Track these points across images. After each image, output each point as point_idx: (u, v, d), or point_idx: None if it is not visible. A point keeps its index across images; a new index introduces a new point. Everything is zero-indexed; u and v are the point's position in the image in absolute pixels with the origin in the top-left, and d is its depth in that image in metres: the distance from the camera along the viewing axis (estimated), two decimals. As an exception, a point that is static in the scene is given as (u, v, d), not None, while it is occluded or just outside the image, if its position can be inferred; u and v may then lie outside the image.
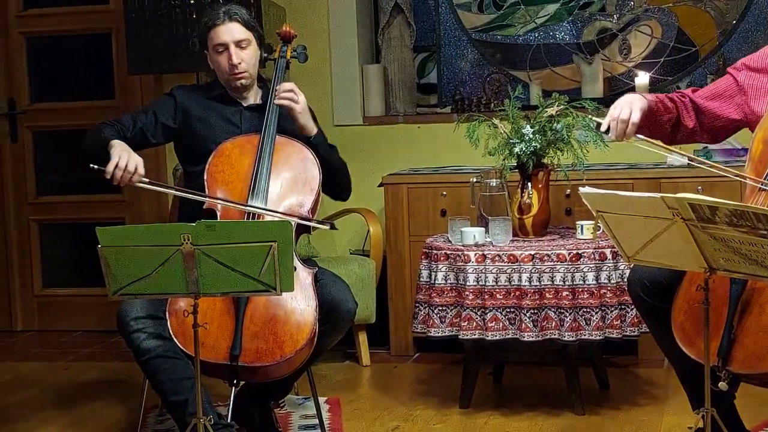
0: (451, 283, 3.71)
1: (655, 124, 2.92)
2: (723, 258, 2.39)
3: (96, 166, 3.05)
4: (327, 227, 3.15)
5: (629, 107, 2.84)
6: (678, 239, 2.41)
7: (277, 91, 3.33)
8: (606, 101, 4.67)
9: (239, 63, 3.33)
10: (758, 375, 2.56)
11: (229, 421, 3.08)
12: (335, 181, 3.42)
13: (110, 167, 3.06)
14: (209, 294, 2.68)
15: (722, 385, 2.54)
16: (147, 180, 3.13)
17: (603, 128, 2.87)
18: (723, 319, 2.56)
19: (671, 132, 2.99)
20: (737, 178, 2.70)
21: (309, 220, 3.20)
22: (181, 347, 3.00)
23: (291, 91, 3.32)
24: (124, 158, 3.07)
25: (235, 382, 3.05)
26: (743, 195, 2.80)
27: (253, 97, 3.46)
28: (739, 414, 2.92)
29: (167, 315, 3.03)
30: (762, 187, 2.61)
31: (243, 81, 3.38)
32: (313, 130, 3.38)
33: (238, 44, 3.34)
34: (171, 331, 3.01)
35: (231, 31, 3.34)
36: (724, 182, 3.91)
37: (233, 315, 3.02)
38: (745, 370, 2.55)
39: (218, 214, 3.18)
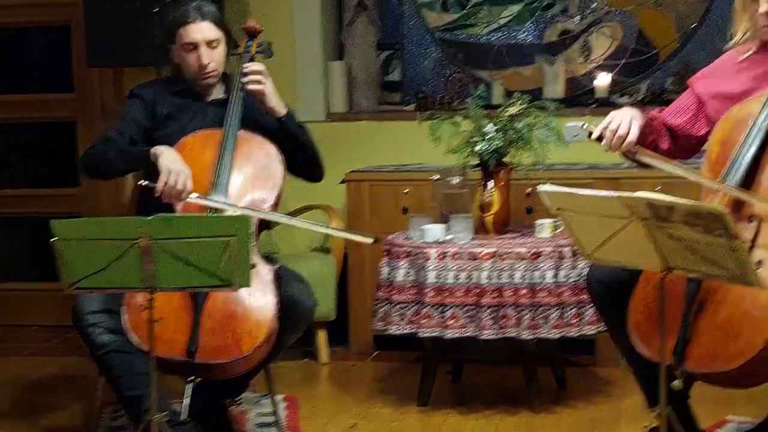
0: (411, 281, 3.71)
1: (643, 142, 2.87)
2: (679, 257, 2.41)
3: (145, 182, 3.05)
4: (370, 241, 3.18)
5: (628, 122, 2.77)
6: (635, 238, 2.42)
7: (243, 73, 3.30)
8: (567, 102, 4.74)
9: (209, 63, 3.31)
10: (713, 374, 2.57)
11: (184, 417, 3.05)
12: (307, 160, 3.40)
13: (160, 185, 3.05)
14: (165, 289, 2.65)
15: (677, 384, 2.55)
16: (196, 195, 3.10)
17: (595, 136, 2.80)
18: (679, 318, 2.58)
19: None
20: (750, 198, 2.61)
21: (352, 233, 3.26)
22: (136, 342, 2.96)
23: (261, 72, 3.31)
24: (173, 177, 3.06)
25: (191, 378, 3.02)
26: (701, 195, 2.81)
27: (218, 92, 3.43)
28: (694, 412, 2.94)
29: (123, 309, 2.99)
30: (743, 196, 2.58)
31: (211, 80, 3.37)
32: (283, 110, 3.37)
33: (209, 44, 3.31)
34: (126, 326, 2.97)
35: (202, 30, 3.30)
36: (682, 182, 3.92)
37: (191, 311, 2.99)
38: (700, 368, 2.57)
39: (176, 208, 3.15)
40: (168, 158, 3.11)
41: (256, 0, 5.00)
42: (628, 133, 2.77)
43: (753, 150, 2.65)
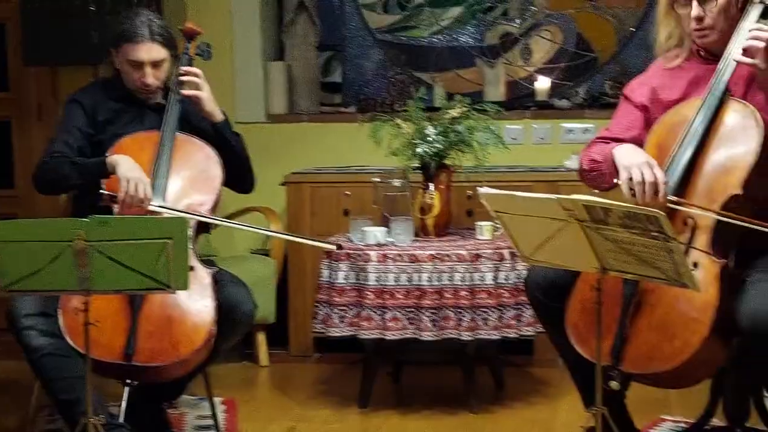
0: (351, 283, 3.70)
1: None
2: (615, 259, 2.43)
3: (106, 192, 3.02)
4: (333, 248, 3.17)
5: (648, 167, 2.61)
6: (573, 240, 2.45)
7: (180, 77, 3.29)
8: (507, 104, 4.77)
9: (153, 83, 3.29)
10: (648, 374, 2.61)
11: (121, 421, 3.01)
12: (238, 170, 3.38)
13: (121, 194, 3.02)
14: (101, 291, 2.62)
15: (613, 384, 2.58)
16: (158, 204, 3.07)
17: (627, 195, 2.62)
18: (616, 319, 2.61)
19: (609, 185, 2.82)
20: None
21: (315, 240, 3.34)
22: (72, 345, 2.92)
23: (198, 75, 3.30)
24: (132, 185, 3.04)
25: (128, 381, 2.99)
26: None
27: (157, 96, 3.40)
28: (629, 413, 2.98)
29: (59, 312, 2.95)
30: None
31: (150, 95, 3.34)
32: (219, 116, 3.36)
33: (155, 64, 3.28)
34: (63, 329, 2.93)
35: (150, 52, 3.27)
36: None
37: (128, 314, 2.96)
38: (636, 369, 2.60)
39: (114, 210, 3.11)
40: (126, 167, 3.08)
41: (195, 0, 4.96)
42: (656, 176, 2.61)
43: (688, 154, 2.68)
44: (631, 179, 2.64)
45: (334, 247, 3.18)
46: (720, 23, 2.74)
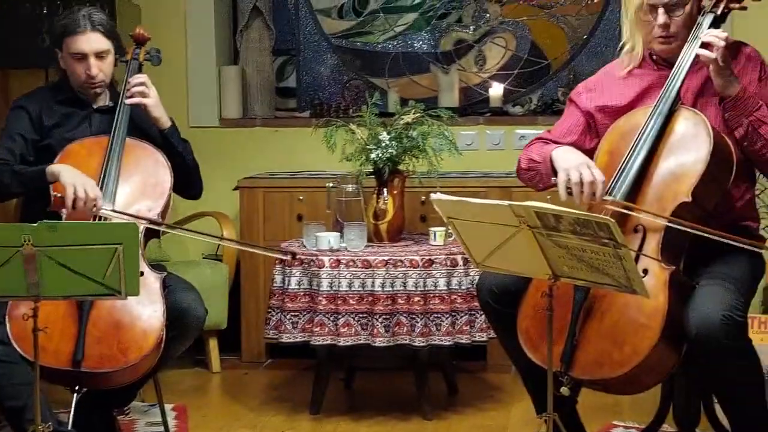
0: (304, 289, 3.69)
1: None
2: (567, 265, 2.45)
3: (59, 194, 2.97)
4: (288, 257, 3.11)
5: (587, 168, 2.67)
6: (524, 246, 2.46)
7: (128, 84, 3.26)
8: (461, 110, 4.79)
9: (98, 74, 3.25)
10: (599, 380, 2.62)
11: (69, 428, 2.98)
12: (186, 176, 3.36)
13: (69, 201, 2.98)
14: (50, 297, 2.60)
15: (564, 390, 2.60)
16: (110, 208, 3.04)
17: (563, 197, 2.68)
18: (567, 325, 2.62)
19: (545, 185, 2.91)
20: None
21: (268, 250, 3.33)
22: (21, 352, 2.88)
23: (142, 84, 3.27)
24: (80, 188, 2.99)
25: (77, 388, 2.96)
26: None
27: (104, 99, 3.38)
28: (581, 419, 2.99)
29: (7, 319, 2.91)
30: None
31: (98, 90, 3.31)
32: (167, 122, 3.34)
33: (98, 55, 3.26)
34: (10, 336, 2.89)
35: (91, 42, 3.24)
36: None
37: (76, 319, 2.94)
38: (586, 375, 2.62)
39: (63, 215, 3.07)
40: (68, 174, 3.05)
41: (149, 4, 4.92)
42: (596, 179, 2.66)
43: (639, 160, 2.71)
44: (569, 180, 2.68)
45: (288, 257, 3.16)
46: (683, 32, 2.78)
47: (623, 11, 2.89)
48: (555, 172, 2.77)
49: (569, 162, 2.73)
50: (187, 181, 3.38)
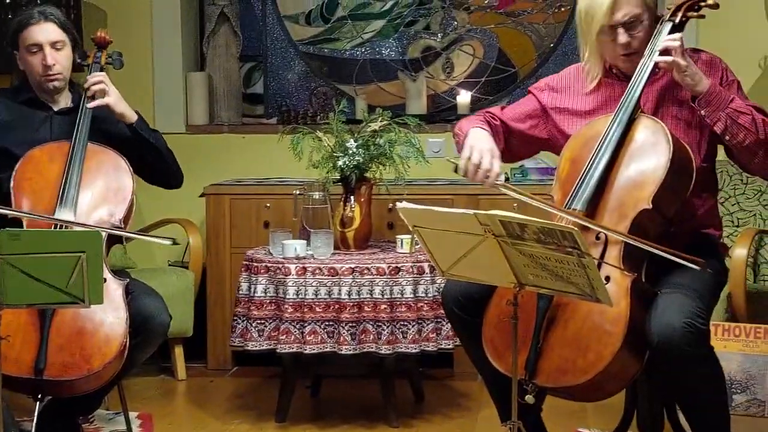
0: (270, 296, 3.68)
1: None
2: (531, 273, 2.46)
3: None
4: (168, 242, 3.03)
5: (489, 156, 2.76)
6: (489, 255, 2.46)
7: (87, 83, 3.26)
8: (429, 118, 4.80)
9: (54, 64, 3.24)
10: (563, 388, 2.63)
11: (33, 437, 2.96)
12: (163, 165, 3.35)
13: None
14: (13, 306, 2.59)
15: (529, 398, 2.60)
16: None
17: (461, 173, 2.79)
18: (531, 333, 2.63)
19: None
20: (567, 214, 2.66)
21: (150, 236, 3.13)
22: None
23: (101, 82, 3.26)
24: None
25: (39, 396, 2.94)
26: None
27: (64, 101, 3.36)
28: (545, 426, 3.01)
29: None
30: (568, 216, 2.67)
31: (56, 83, 3.29)
32: (133, 116, 3.34)
33: (53, 45, 3.24)
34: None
35: (46, 31, 3.24)
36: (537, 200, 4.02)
37: (38, 327, 2.91)
38: (550, 383, 2.62)
39: (24, 223, 3.05)
40: None
41: (115, 8, 4.89)
42: (492, 168, 2.76)
43: (600, 168, 2.72)
44: (470, 158, 2.76)
45: (169, 242, 3.06)
46: (644, 46, 2.80)
47: (579, 32, 2.90)
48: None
49: (478, 143, 2.80)
50: (165, 170, 3.37)
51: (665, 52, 2.70)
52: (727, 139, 2.72)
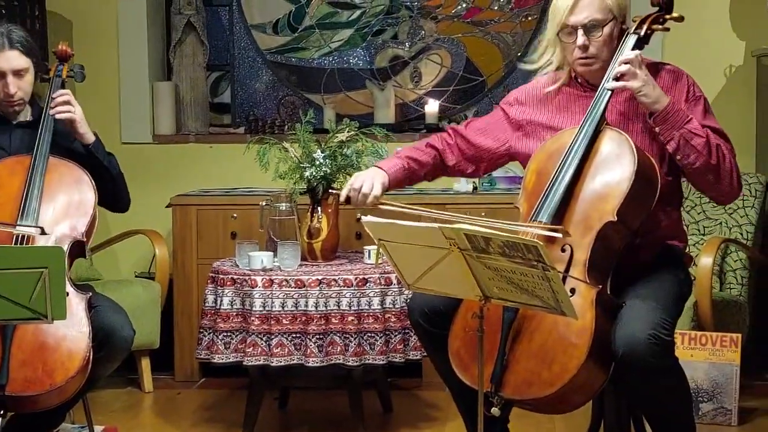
0: (237, 309, 3.66)
1: (411, 181, 3.11)
2: (497, 287, 2.45)
3: None
4: (36, 231, 3.00)
5: (371, 181, 2.94)
6: (455, 268, 2.46)
7: (52, 100, 3.22)
8: (397, 127, 4.80)
9: (16, 92, 3.21)
10: (528, 400, 2.63)
11: (-4, 454, 2.92)
12: (112, 189, 3.32)
13: None
14: (-25, 321, 2.55)
15: (495, 411, 2.59)
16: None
17: (342, 198, 2.97)
18: (497, 345, 2.63)
19: (431, 178, 3.14)
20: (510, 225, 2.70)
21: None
22: (-57, 377, 2.82)
23: (67, 102, 3.23)
24: None
25: (2, 412, 2.89)
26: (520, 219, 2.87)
27: (25, 114, 3.32)
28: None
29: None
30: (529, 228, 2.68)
31: (17, 108, 3.27)
32: (92, 137, 3.31)
33: (17, 73, 3.21)
34: (-67, 360, 2.83)
35: (9, 60, 3.20)
36: (506, 209, 4.03)
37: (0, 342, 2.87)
38: (516, 395, 2.62)
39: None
40: None
41: (80, 18, 4.86)
42: (371, 191, 2.93)
43: (566, 181, 2.73)
44: (353, 183, 2.96)
45: (37, 231, 3.01)
46: (603, 53, 2.81)
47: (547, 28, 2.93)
48: None
49: (362, 174, 2.99)
50: (114, 194, 3.34)
51: (621, 77, 2.71)
52: (678, 158, 2.74)
